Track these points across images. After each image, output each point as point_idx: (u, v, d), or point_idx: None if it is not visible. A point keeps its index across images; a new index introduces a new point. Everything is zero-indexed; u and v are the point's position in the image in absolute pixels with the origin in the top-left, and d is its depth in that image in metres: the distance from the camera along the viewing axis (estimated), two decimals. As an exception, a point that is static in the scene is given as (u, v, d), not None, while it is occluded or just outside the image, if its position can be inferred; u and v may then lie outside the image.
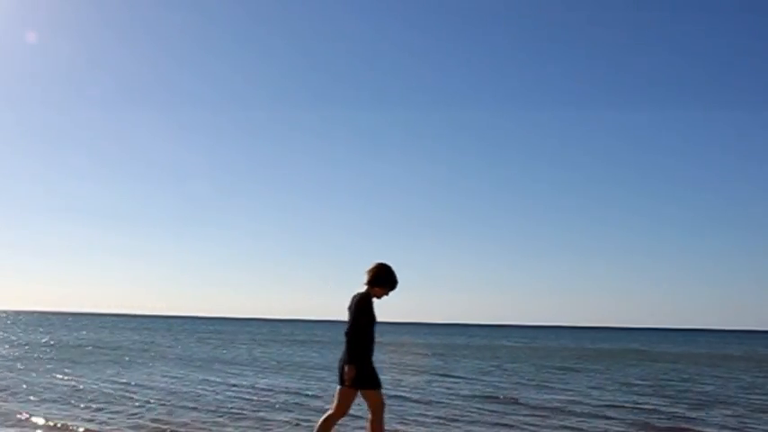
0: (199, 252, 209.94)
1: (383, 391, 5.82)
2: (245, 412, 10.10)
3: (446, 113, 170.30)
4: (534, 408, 11.43)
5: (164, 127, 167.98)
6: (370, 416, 5.76)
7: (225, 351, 27.40)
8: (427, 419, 9.83)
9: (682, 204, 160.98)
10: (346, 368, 5.62)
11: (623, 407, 11.95)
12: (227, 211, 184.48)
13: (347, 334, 5.64)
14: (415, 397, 12.55)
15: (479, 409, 11.17)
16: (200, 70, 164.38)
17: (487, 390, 14.28)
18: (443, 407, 11.26)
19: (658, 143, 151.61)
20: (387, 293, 5.88)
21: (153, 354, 24.22)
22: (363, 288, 5.85)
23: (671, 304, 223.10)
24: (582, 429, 9.38)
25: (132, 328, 59.63)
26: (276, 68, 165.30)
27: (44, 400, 10.87)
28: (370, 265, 5.87)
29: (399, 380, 15.96)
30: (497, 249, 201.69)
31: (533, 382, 16.23)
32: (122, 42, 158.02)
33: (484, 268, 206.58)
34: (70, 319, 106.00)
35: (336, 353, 6.83)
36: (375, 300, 5.84)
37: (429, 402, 11.82)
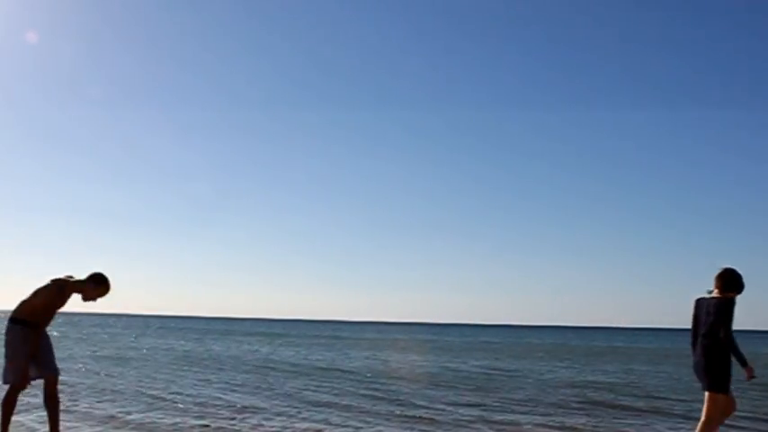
0: (198, 252, 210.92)
1: None
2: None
3: (446, 113, 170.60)
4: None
5: (164, 127, 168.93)
6: (703, 417, 6.02)
7: (184, 346, 27.81)
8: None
9: (681, 204, 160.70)
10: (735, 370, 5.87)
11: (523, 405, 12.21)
12: (227, 212, 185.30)
13: (722, 339, 5.87)
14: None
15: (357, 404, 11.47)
16: (200, 70, 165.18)
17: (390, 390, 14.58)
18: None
19: (658, 143, 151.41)
20: (738, 295, 6.12)
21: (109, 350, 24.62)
22: (714, 293, 6.09)
23: (671, 304, 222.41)
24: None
25: (123, 327, 60.08)
26: (276, 68, 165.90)
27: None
28: (719, 271, 6.10)
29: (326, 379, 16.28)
30: (497, 249, 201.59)
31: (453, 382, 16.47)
32: (122, 42, 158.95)
33: (483, 268, 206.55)
34: (58, 319, 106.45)
35: (320, 350, 7.07)
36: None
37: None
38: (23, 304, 5.80)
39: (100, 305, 6.01)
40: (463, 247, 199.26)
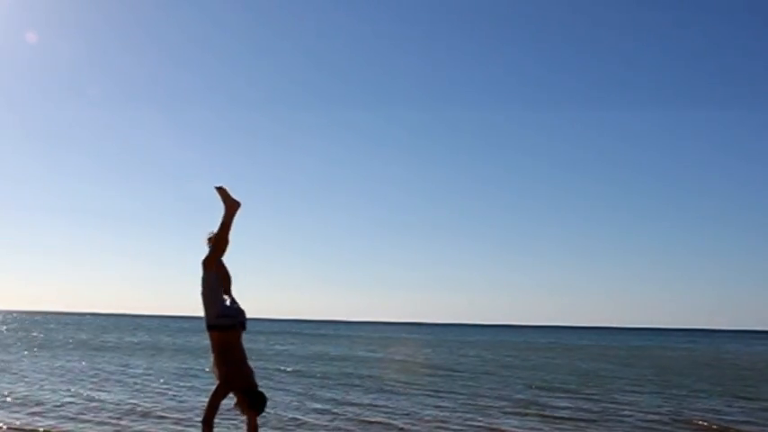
0: (198, 252, 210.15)
1: None
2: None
3: (446, 113, 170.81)
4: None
5: (164, 127, 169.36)
6: None
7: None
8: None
9: (681, 204, 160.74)
10: None
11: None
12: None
13: None
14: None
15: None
16: (200, 70, 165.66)
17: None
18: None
19: (658, 143, 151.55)
20: None
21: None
22: None
23: (671, 304, 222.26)
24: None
25: (120, 327, 60.33)
26: (276, 68, 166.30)
27: None
28: None
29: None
30: (497, 249, 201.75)
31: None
32: (122, 42, 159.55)
33: (483, 268, 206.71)
34: (48, 319, 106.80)
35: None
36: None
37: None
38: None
39: (101, 305, 5.59)
40: (463, 247, 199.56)
